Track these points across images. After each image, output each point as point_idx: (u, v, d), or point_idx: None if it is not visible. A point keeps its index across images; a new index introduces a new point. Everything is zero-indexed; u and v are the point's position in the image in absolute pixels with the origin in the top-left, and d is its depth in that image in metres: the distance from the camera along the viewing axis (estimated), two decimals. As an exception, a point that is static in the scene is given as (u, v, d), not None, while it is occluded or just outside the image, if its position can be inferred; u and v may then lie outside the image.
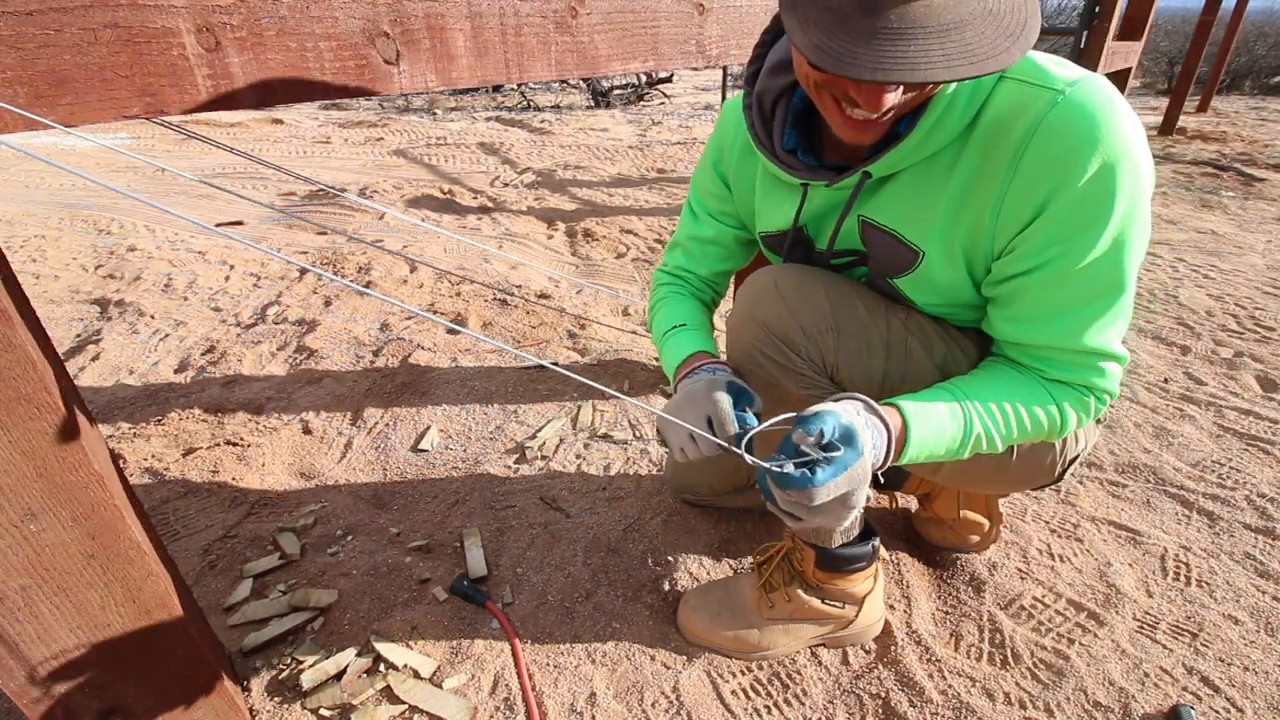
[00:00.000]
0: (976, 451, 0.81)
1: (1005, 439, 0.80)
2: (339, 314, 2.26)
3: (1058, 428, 0.81)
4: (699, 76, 10.18)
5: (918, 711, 1.00)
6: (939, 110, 0.71)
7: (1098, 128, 0.66)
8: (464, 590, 1.18)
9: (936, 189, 0.76)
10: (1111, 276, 0.72)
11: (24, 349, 0.59)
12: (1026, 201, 0.70)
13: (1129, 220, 0.69)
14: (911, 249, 0.81)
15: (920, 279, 0.83)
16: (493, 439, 1.63)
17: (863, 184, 0.79)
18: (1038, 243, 0.72)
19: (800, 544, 1.06)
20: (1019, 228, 0.72)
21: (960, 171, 0.75)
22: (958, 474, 0.98)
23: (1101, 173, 0.67)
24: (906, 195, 0.79)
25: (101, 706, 0.76)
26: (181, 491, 1.45)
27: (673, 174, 4.27)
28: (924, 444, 0.76)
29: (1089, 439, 0.97)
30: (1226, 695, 1.02)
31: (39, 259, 2.77)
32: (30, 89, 0.61)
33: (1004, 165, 0.71)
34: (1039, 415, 0.79)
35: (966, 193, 0.75)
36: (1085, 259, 0.70)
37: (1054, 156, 0.67)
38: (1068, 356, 0.77)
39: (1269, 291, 2.45)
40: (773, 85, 0.82)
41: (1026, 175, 0.69)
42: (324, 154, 4.90)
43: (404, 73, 0.87)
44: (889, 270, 0.85)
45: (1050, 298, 0.74)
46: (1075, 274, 0.72)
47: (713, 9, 1.24)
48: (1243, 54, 8.58)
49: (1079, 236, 0.70)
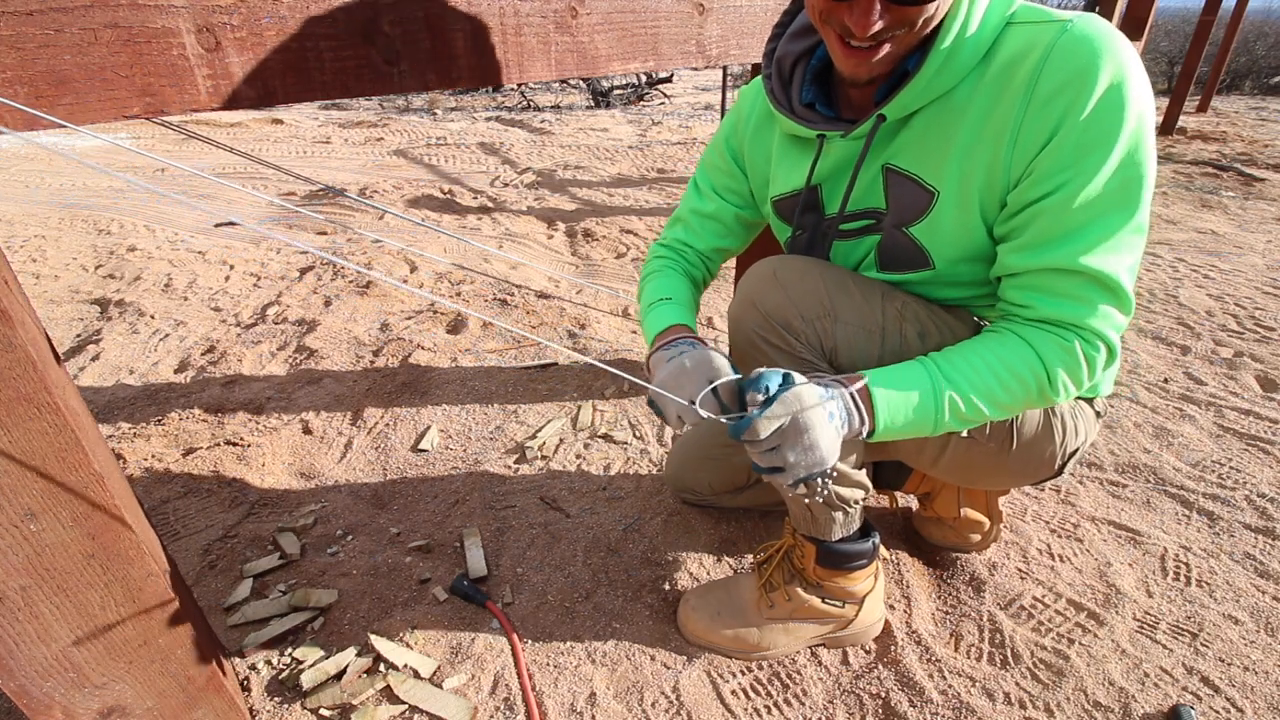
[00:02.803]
0: (961, 418, 0.80)
1: (986, 398, 0.79)
2: (339, 314, 2.26)
3: (1046, 383, 0.78)
4: (699, 76, 10.19)
5: (918, 711, 1.00)
6: (946, 47, 0.74)
7: (1104, 49, 0.69)
8: (464, 590, 1.18)
9: (951, 127, 0.78)
10: (1123, 195, 0.72)
11: (24, 349, 0.59)
12: (1042, 125, 0.72)
13: (1138, 138, 0.71)
14: (927, 189, 0.82)
15: (934, 223, 0.83)
16: (493, 439, 1.63)
17: (878, 128, 0.81)
18: (1052, 164, 0.72)
19: (801, 540, 1.06)
20: (1035, 152, 0.73)
21: (974, 109, 0.76)
22: (957, 466, 0.98)
23: (1111, 91, 0.69)
24: (922, 137, 0.81)
25: (101, 706, 0.76)
26: (181, 491, 1.45)
27: (673, 174, 4.27)
28: (891, 402, 0.78)
29: (1088, 432, 0.96)
30: (1226, 695, 1.02)
31: (39, 259, 2.78)
32: (30, 89, 0.61)
33: (1019, 94, 0.73)
34: (1019, 368, 0.78)
35: (981, 129, 0.76)
36: (1097, 177, 0.71)
37: (1066, 77, 0.70)
38: (1063, 282, 0.75)
39: (1269, 291, 2.45)
40: (792, 49, 0.88)
41: (1040, 98, 0.72)
42: (324, 154, 4.91)
43: (404, 73, 0.87)
44: (906, 218, 0.85)
45: (1061, 221, 0.74)
46: (1087, 193, 0.72)
47: (713, 9, 1.24)
48: (1243, 54, 8.59)
49: (1092, 155, 0.71)
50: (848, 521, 1.01)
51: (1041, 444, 0.93)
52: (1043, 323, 0.78)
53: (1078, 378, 0.79)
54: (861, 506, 1.02)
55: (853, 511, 1.00)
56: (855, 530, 1.03)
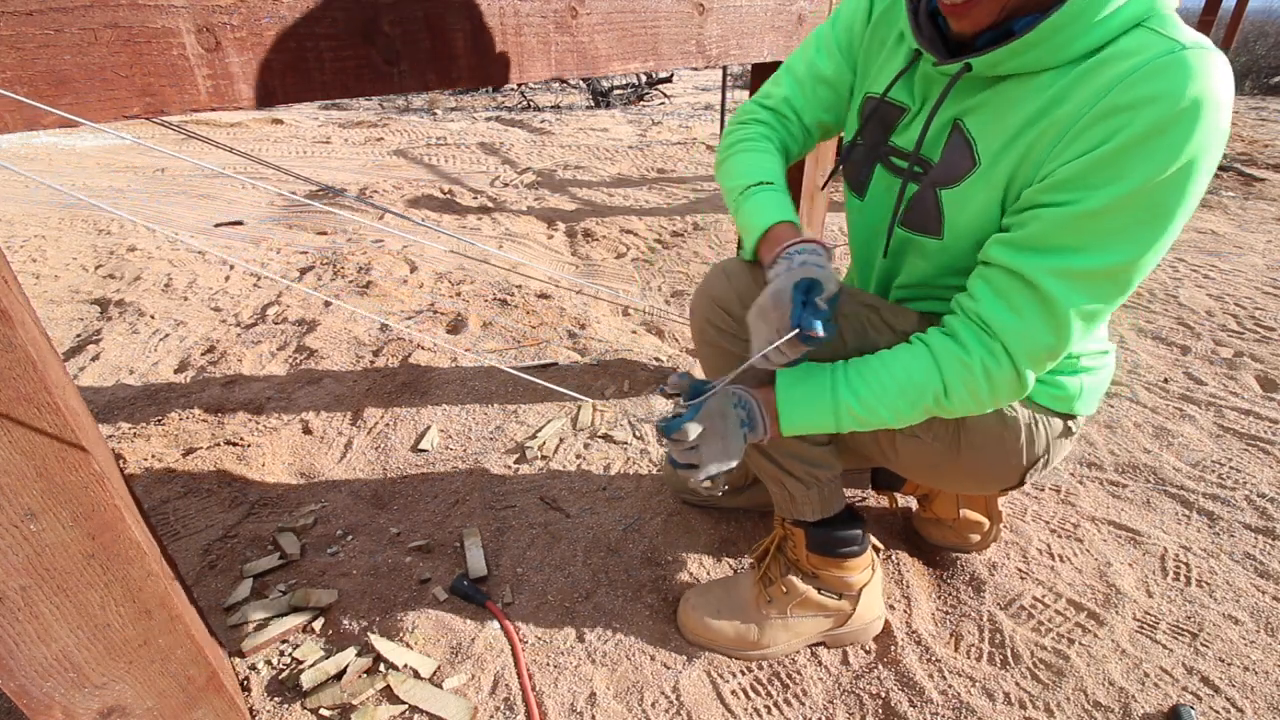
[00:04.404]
0: (859, 421, 0.83)
1: (883, 406, 0.82)
2: (339, 314, 2.26)
3: (942, 394, 0.79)
4: (699, 76, 10.18)
5: (918, 711, 1.00)
6: (1061, 25, 0.69)
7: (1196, 87, 0.64)
8: (464, 590, 1.18)
9: (1025, 105, 0.75)
10: (1121, 237, 0.69)
11: (24, 349, 0.59)
12: (1093, 134, 0.68)
13: (1176, 190, 0.66)
14: (973, 157, 0.80)
15: (963, 194, 0.81)
16: (493, 439, 1.63)
17: (960, 76, 0.78)
18: (1072, 176, 0.69)
19: (790, 529, 1.07)
20: (1070, 158, 0.70)
21: (1051, 96, 0.72)
22: (913, 464, 1.01)
23: (1173, 129, 0.64)
24: (998, 105, 0.78)
25: (101, 706, 0.76)
26: (181, 491, 1.45)
27: (673, 174, 4.27)
28: (792, 408, 0.85)
29: (1051, 445, 0.95)
30: (1226, 695, 1.02)
31: (39, 259, 2.78)
32: (30, 89, 0.61)
33: (1092, 94, 0.69)
34: (918, 379, 0.80)
35: (1044, 115, 0.73)
36: (1104, 207, 0.68)
37: (1140, 96, 0.65)
38: (1016, 290, 0.74)
39: (1269, 291, 2.45)
40: None
41: (1106, 106, 0.67)
42: (324, 154, 4.91)
43: (404, 73, 0.87)
44: (942, 179, 0.83)
45: (1050, 234, 0.72)
46: (1087, 219, 0.69)
47: (713, 9, 1.24)
48: (1243, 54, 8.58)
49: (1112, 184, 0.67)
50: (825, 499, 1.02)
51: (993, 448, 0.93)
52: (973, 321, 0.78)
53: (977, 393, 0.79)
54: (837, 485, 1.04)
55: (826, 488, 1.02)
56: (839, 512, 1.05)
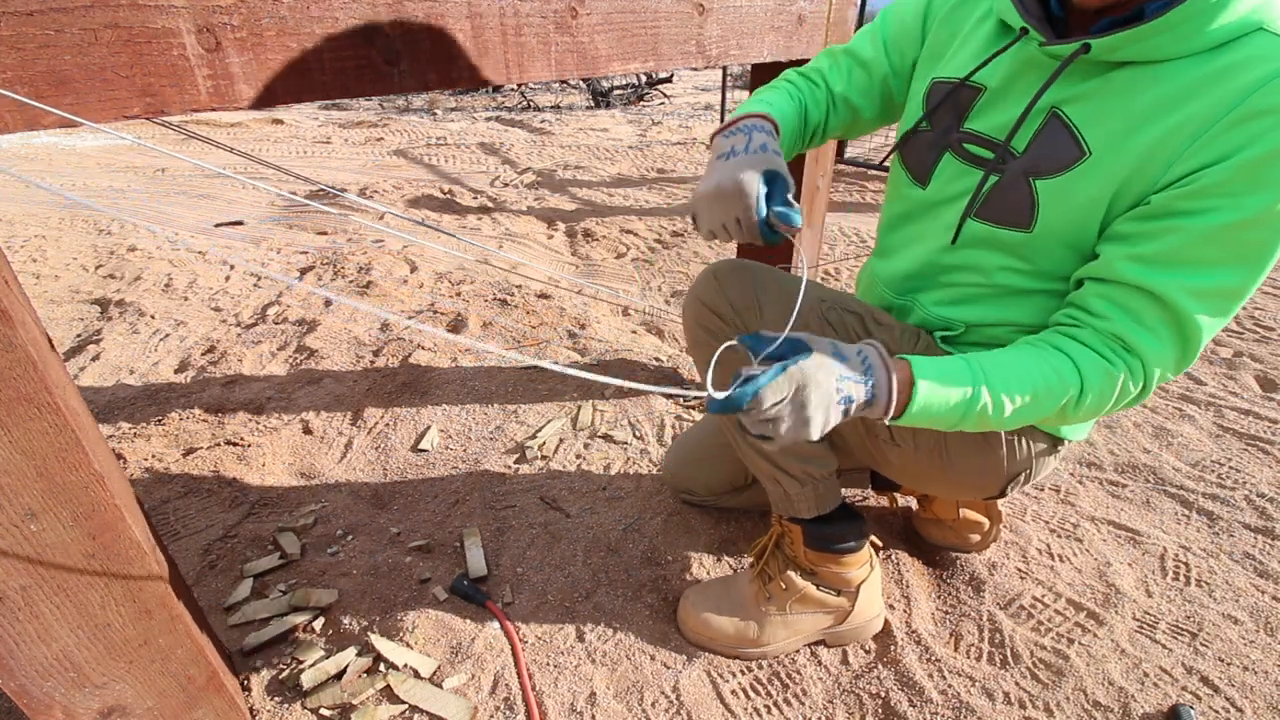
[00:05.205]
0: (984, 421, 0.76)
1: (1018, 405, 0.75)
2: (339, 314, 2.26)
3: (1075, 399, 0.75)
4: (699, 77, 10.18)
5: (918, 711, 1.00)
6: (1194, 13, 0.67)
7: None
8: (464, 590, 1.18)
9: (1143, 94, 0.72)
10: (1259, 251, 0.68)
11: (24, 349, 0.59)
12: (1230, 138, 0.66)
13: None
14: (1080, 146, 0.76)
15: (1067, 185, 0.77)
16: (493, 439, 1.63)
17: (1073, 58, 0.74)
18: (1214, 184, 0.67)
19: (787, 526, 1.08)
20: (1207, 162, 0.68)
21: (1175, 89, 0.70)
22: (898, 468, 1.01)
23: None
24: (1110, 93, 0.74)
25: (101, 706, 0.76)
26: (181, 491, 1.45)
27: (673, 174, 4.27)
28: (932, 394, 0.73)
29: (1035, 460, 0.95)
30: (1226, 695, 1.02)
31: (39, 259, 2.78)
32: (30, 89, 0.61)
33: (1228, 97, 0.67)
34: (1060, 380, 0.74)
35: (1169, 111, 0.70)
36: (1249, 219, 0.66)
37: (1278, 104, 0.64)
38: (1152, 310, 0.72)
39: (1269, 291, 2.45)
40: None
41: (1245, 111, 0.66)
42: (324, 154, 4.91)
43: (404, 72, 0.87)
44: (1040, 168, 0.79)
45: (1190, 248, 0.69)
46: (1230, 231, 0.67)
47: (713, 9, 1.24)
48: None
49: (1259, 192, 0.66)
50: (820, 496, 1.03)
51: (972, 455, 0.94)
52: (1108, 337, 0.75)
53: (1105, 401, 0.77)
54: (833, 482, 1.04)
55: (821, 485, 1.02)
56: (835, 509, 1.05)
